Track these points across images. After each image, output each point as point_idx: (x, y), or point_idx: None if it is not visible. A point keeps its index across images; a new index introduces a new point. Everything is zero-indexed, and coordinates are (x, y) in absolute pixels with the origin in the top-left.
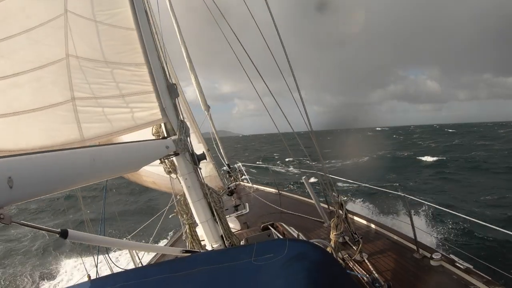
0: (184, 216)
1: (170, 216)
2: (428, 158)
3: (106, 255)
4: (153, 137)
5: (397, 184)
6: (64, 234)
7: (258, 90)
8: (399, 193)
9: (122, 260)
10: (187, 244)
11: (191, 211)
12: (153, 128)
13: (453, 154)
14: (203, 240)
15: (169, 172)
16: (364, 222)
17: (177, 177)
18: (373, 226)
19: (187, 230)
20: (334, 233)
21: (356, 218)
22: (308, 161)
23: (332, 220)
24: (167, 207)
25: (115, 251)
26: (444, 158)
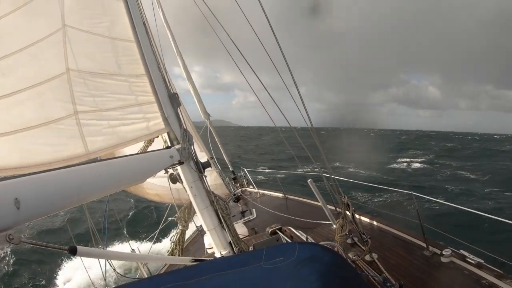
0: (183, 223)
1: (170, 219)
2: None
3: (114, 267)
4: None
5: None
6: (73, 251)
7: (259, 84)
8: (406, 191)
9: (129, 270)
10: (171, 247)
11: (189, 218)
12: (145, 141)
13: None
14: (211, 248)
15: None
16: (373, 221)
17: (182, 186)
18: (381, 225)
19: (178, 236)
20: (339, 234)
21: (364, 218)
22: (312, 162)
23: (337, 221)
24: (167, 211)
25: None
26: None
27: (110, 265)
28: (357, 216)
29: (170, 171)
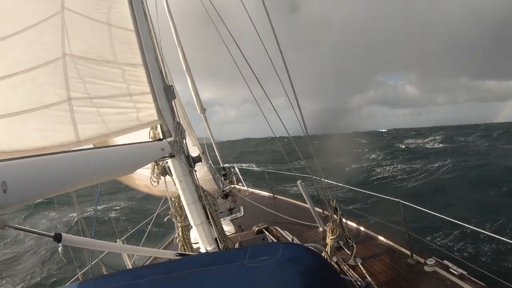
0: (178, 219)
1: (165, 219)
2: None
3: (99, 257)
4: (149, 140)
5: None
6: (58, 238)
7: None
8: (394, 199)
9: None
10: (179, 246)
11: (185, 213)
12: (150, 132)
13: None
14: (197, 243)
15: (158, 176)
16: (359, 227)
17: (172, 179)
18: (367, 231)
19: (180, 233)
20: (330, 238)
21: (350, 222)
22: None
23: (327, 224)
24: (158, 210)
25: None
26: None
27: (98, 254)
28: (344, 220)
29: (161, 163)
